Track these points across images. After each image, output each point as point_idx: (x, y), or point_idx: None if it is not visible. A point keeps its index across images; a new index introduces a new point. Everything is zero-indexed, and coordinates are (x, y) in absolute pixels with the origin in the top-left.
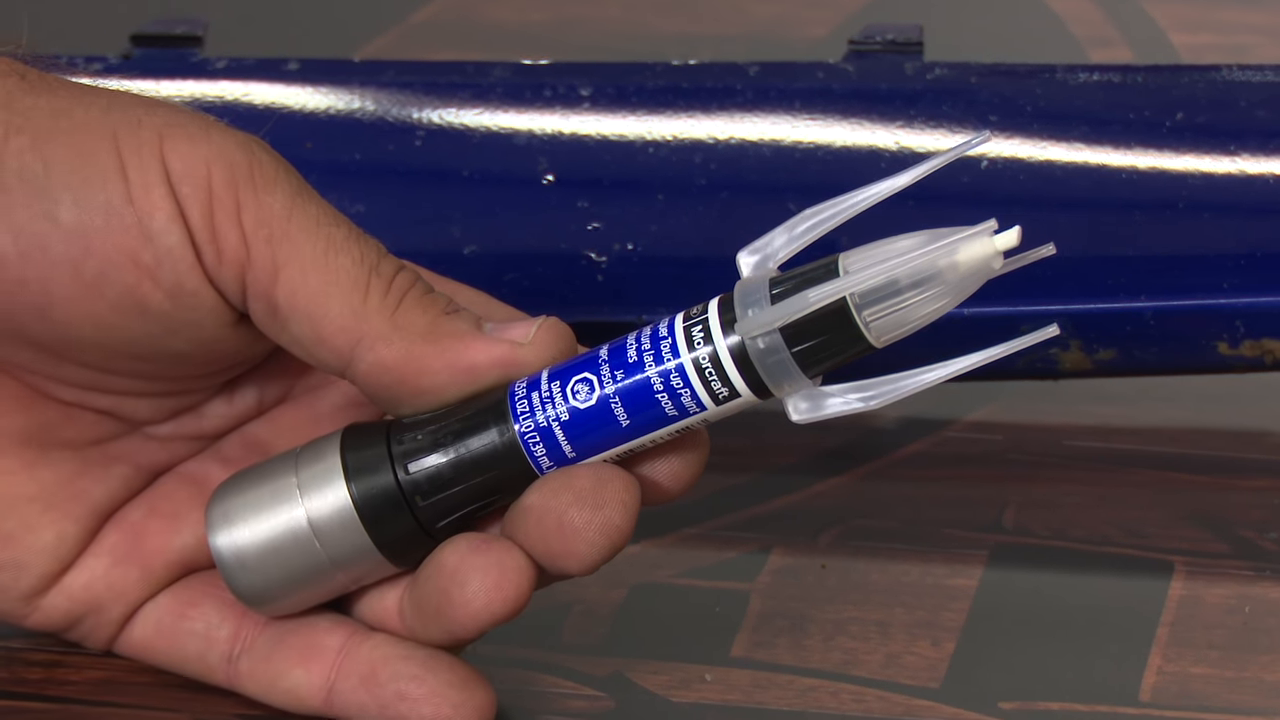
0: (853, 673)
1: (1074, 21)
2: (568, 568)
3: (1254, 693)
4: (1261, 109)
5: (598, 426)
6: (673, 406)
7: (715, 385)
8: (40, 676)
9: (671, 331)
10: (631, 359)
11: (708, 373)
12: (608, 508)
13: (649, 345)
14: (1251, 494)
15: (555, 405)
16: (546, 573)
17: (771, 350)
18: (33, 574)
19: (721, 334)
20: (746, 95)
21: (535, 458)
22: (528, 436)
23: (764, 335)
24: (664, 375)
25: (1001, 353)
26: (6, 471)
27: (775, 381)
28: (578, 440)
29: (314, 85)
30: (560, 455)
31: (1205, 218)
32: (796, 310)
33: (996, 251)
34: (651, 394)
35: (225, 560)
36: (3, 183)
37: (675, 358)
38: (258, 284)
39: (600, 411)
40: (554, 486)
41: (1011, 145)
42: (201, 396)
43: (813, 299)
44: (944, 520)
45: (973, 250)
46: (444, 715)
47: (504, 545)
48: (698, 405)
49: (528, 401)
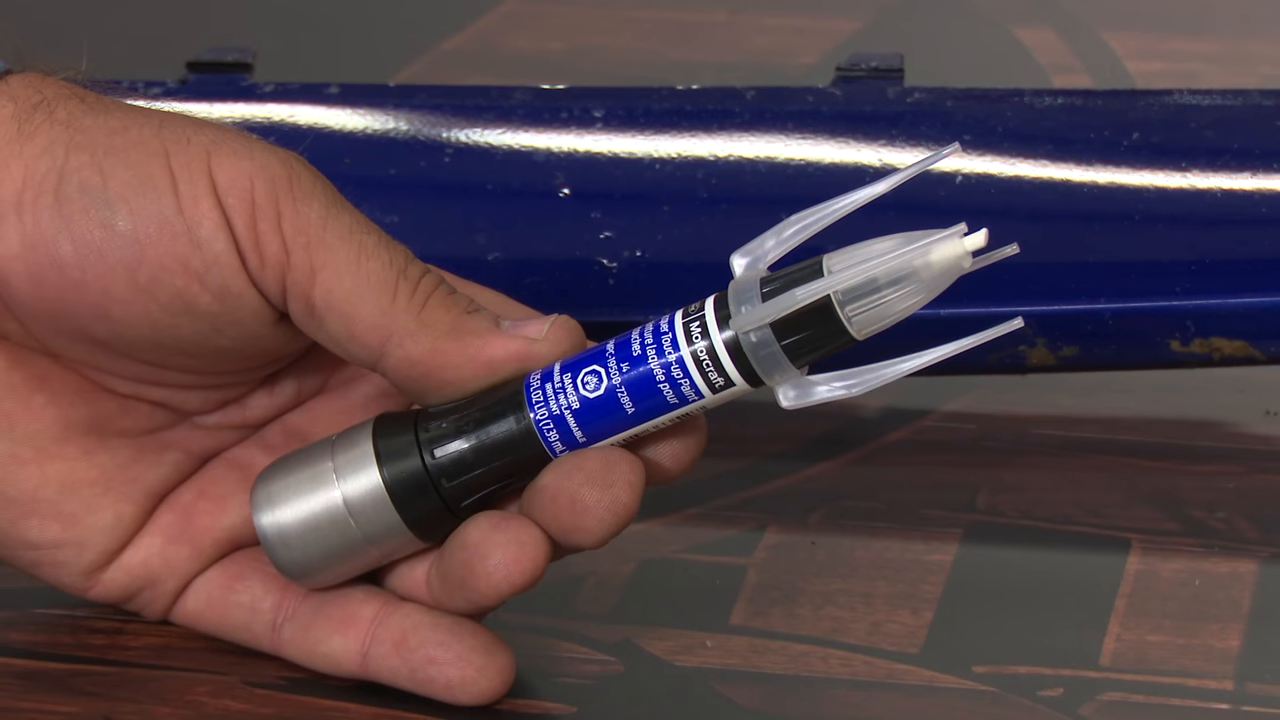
0: (840, 639)
1: (1040, 51)
2: (580, 542)
3: (1204, 658)
4: (1210, 129)
5: (606, 414)
6: (674, 395)
7: (712, 375)
8: (103, 643)
9: (672, 327)
10: (636, 352)
11: (705, 364)
12: (616, 487)
13: (651, 340)
14: (1200, 478)
15: (567, 395)
16: (560, 547)
17: (763, 343)
18: (93, 551)
19: (717, 329)
20: (744, 117)
21: (549, 443)
22: (542, 423)
23: (756, 330)
24: (665, 367)
25: (970, 344)
26: (69, 458)
27: (766, 372)
28: (588, 426)
29: (352, 107)
30: (572, 440)
31: (1159, 228)
32: (785, 307)
33: (966, 252)
34: (654, 384)
35: (269, 538)
36: (65, 195)
37: (675, 351)
38: (296, 286)
39: (608, 400)
40: (567, 468)
41: (984, 162)
42: (246, 389)
43: (800, 297)
44: (922, 501)
45: (944, 251)
46: (469, 677)
47: (522, 522)
48: (696, 394)
49: (542, 392)
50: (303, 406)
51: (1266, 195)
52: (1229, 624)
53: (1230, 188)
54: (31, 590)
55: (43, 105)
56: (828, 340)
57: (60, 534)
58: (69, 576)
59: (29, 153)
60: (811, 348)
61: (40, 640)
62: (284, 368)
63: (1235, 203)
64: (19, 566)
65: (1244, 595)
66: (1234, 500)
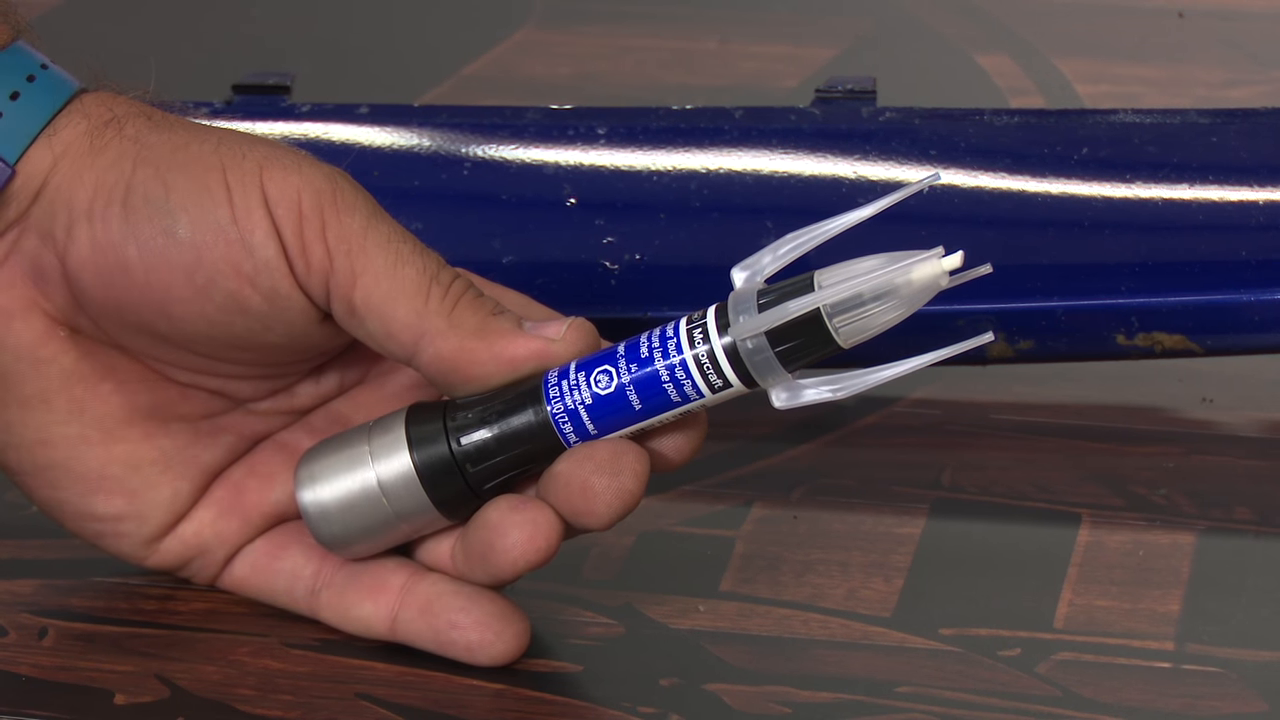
0: (819, 604)
1: (998, 75)
2: (589, 524)
3: (1147, 621)
4: (1151, 145)
5: (615, 409)
6: (676, 394)
7: (712, 377)
8: (155, 607)
9: (677, 332)
10: (644, 354)
11: (705, 367)
12: (623, 475)
13: (658, 344)
14: (1143, 458)
15: (581, 391)
16: (572, 528)
17: (758, 350)
18: (153, 523)
19: (718, 336)
20: (733, 134)
21: (564, 434)
22: (558, 417)
23: (752, 338)
24: (670, 368)
25: (945, 355)
26: (133, 440)
27: (761, 375)
28: (599, 420)
29: (381, 126)
30: (585, 432)
31: (1106, 234)
32: (779, 318)
33: (944, 271)
34: (659, 383)
35: (310, 513)
36: (131, 204)
37: (679, 354)
38: (339, 289)
39: (617, 397)
40: (579, 457)
41: (948, 174)
42: (293, 379)
43: (792, 309)
44: (893, 479)
45: (924, 270)
46: (488, 640)
47: (538, 505)
48: (697, 393)
49: (558, 388)
50: (345, 395)
51: (1203, 204)
52: (1170, 590)
53: (1170, 197)
54: (90, 560)
55: (113, 122)
56: (817, 348)
57: (124, 508)
58: (130, 546)
59: (100, 165)
60: (802, 354)
61: (98, 605)
62: (329, 360)
63: (1174, 211)
64: (85, 537)
65: (1183, 564)
66: (1174, 478)
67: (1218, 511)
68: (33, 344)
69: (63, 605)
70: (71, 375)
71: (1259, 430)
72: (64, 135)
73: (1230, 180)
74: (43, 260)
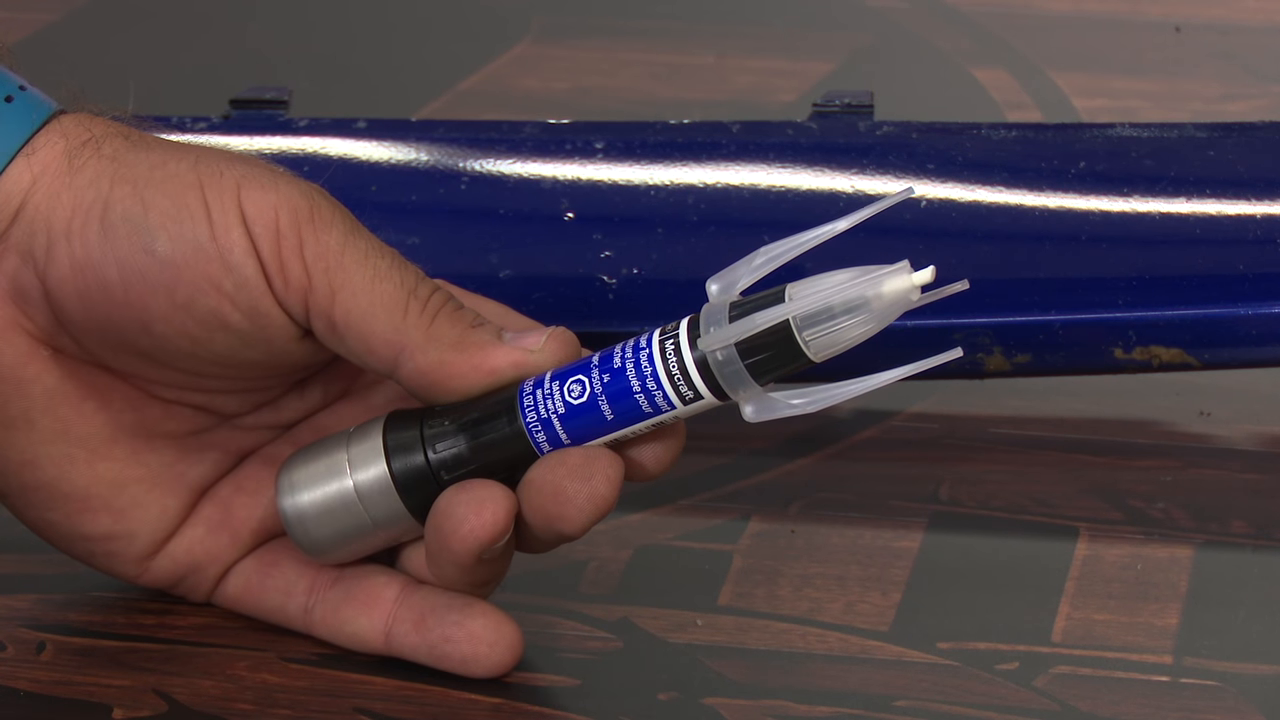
0: (817, 618)
1: (995, 89)
2: (563, 529)
3: (1145, 635)
4: (1148, 159)
5: (588, 419)
6: (648, 405)
7: (682, 389)
8: (153, 622)
9: (649, 344)
10: (616, 365)
11: (676, 379)
12: (595, 479)
13: (631, 355)
14: (1140, 471)
15: (554, 401)
16: (547, 536)
17: (728, 362)
18: (142, 541)
19: (689, 347)
20: (729, 148)
21: (538, 443)
22: (532, 426)
23: (721, 349)
24: (641, 379)
25: (914, 370)
26: (118, 458)
27: (731, 387)
28: (572, 430)
29: (378, 140)
30: (558, 441)
31: (1103, 247)
32: (747, 330)
33: (914, 285)
34: (631, 394)
35: (289, 519)
36: (110, 223)
37: (651, 365)
38: (318, 306)
39: (590, 407)
40: (552, 463)
41: (945, 189)
42: (278, 393)
43: (759, 321)
44: (891, 493)
45: (894, 284)
46: (481, 653)
47: (485, 484)
48: (668, 404)
49: (533, 397)
50: (329, 408)
51: (1199, 217)
52: (1168, 604)
53: (1167, 211)
54: (87, 575)
55: (91, 142)
56: (787, 361)
57: (112, 526)
58: (121, 565)
59: (78, 184)
60: (772, 367)
61: (96, 620)
62: (312, 375)
63: (1171, 224)
64: (77, 557)
65: (1181, 578)
66: (1171, 492)
67: (1215, 525)
68: (15, 364)
69: (60, 620)
70: (55, 395)
71: (1256, 444)
72: (42, 155)
73: (1227, 194)
74: (23, 280)
